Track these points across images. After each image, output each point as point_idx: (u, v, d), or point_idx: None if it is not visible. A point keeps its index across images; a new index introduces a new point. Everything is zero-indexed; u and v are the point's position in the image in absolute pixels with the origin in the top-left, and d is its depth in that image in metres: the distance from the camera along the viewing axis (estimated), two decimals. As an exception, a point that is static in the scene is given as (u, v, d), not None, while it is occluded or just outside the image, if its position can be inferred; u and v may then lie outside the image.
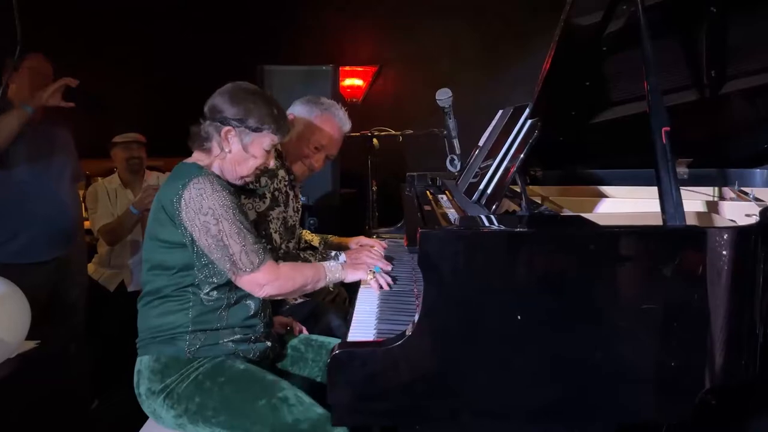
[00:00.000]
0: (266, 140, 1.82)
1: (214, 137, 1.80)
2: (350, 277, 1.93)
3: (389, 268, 2.05)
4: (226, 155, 1.81)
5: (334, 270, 1.90)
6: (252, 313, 1.83)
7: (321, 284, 1.88)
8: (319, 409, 1.68)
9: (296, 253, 2.28)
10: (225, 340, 1.78)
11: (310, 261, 2.22)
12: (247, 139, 1.80)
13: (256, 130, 1.80)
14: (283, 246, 2.26)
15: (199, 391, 1.71)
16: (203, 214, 1.70)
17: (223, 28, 5.07)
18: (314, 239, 2.58)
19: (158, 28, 4.89)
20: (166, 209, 1.74)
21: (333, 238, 2.58)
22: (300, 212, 2.45)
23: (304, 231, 2.62)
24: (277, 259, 2.16)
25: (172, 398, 1.72)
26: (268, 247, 2.17)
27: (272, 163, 1.89)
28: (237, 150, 1.81)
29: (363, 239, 2.52)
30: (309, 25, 5.13)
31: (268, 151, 1.85)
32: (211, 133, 1.80)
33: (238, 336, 1.80)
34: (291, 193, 2.33)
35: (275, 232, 2.22)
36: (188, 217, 1.71)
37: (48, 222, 2.78)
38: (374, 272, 1.95)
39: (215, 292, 1.77)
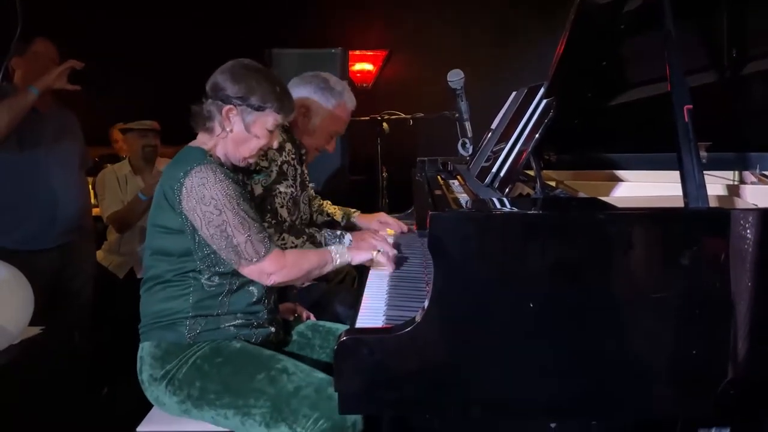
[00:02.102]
0: (269, 119, 1.78)
1: (216, 116, 1.76)
2: (356, 259, 1.92)
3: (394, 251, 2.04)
4: (227, 135, 1.77)
5: (341, 254, 1.87)
6: (255, 299, 1.80)
7: (328, 268, 1.86)
8: (320, 374, 1.66)
9: (301, 228, 2.24)
10: (226, 325, 1.76)
11: (314, 237, 2.19)
12: (249, 119, 1.76)
13: (259, 108, 1.75)
14: (288, 220, 2.22)
15: (199, 376, 1.69)
16: (205, 204, 1.66)
17: (231, 11, 5.03)
18: (336, 213, 2.57)
19: (166, 12, 4.85)
20: (167, 196, 1.70)
21: (356, 215, 2.57)
22: (308, 187, 2.43)
23: (325, 202, 2.60)
24: (281, 232, 2.14)
25: (173, 384, 1.70)
26: (273, 221, 2.14)
27: (276, 144, 1.85)
28: (239, 130, 1.76)
29: (383, 216, 2.51)
30: (318, 8, 5.08)
31: (271, 131, 1.80)
32: (213, 113, 1.76)
33: (239, 321, 1.78)
34: (299, 168, 2.30)
35: (282, 207, 2.19)
36: (189, 206, 1.67)
37: (54, 208, 2.75)
38: (379, 251, 1.96)
39: (217, 278, 1.74)
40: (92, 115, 3.76)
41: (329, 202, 2.62)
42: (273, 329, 1.86)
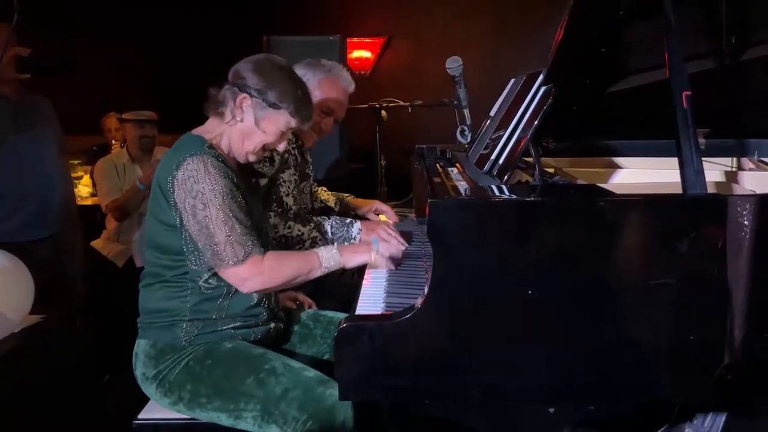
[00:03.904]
0: (282, 120, 1.71)
1: (229, 103, 1.70)
2: (351, 263, 1.79)
3: (403, 247, 1.98)
4: (236, 124, 1.71)
5: (331, 257, 1.74)
6: (255, 302, 1.75)
7: (316, 274, 1.74)
8: (309, 373, 1.64)
9: (307, 216, 2.24)
10: (224, 328, 1.72)
11: (321, 225, 2.18)
12: (261, 113, 1.69)
13: (273, 106, 1.69)
14: (294, 207, 2.21)
15: (190, 378, 1.67)
16: (192, 197, 1.61)
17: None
18: (330, 199, 2.56)
19: None
20: (161, 187, 1.66)
21: (349, 199, 2.55)
22: (311, 177, 2.42)
23: (320, 189, 2.59)
24: (287, 220, 2.11)
25: (164, 386, 1.69)
26: (279, 210, 2.12)
27: (282, 147, 1.79)
28: (248, 122, 1.70)
29: (378, 204, 2.49)
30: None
31: (283, 133, 1.74)
32: (227, 98, 1.70)
33: (238, 323, 1.74)
34: (299, 158, 2.29)
35: (287, 195, 2.18)
36: (179, 198, 1.62)
37: (42, 197, 2.70)
38: (376, 251, 1.83)
39: (214, 280, 1.69)
40: (88, 103, 3.76)
41: (324, 189, 2.61)
42: (273, 325, 1.83)
